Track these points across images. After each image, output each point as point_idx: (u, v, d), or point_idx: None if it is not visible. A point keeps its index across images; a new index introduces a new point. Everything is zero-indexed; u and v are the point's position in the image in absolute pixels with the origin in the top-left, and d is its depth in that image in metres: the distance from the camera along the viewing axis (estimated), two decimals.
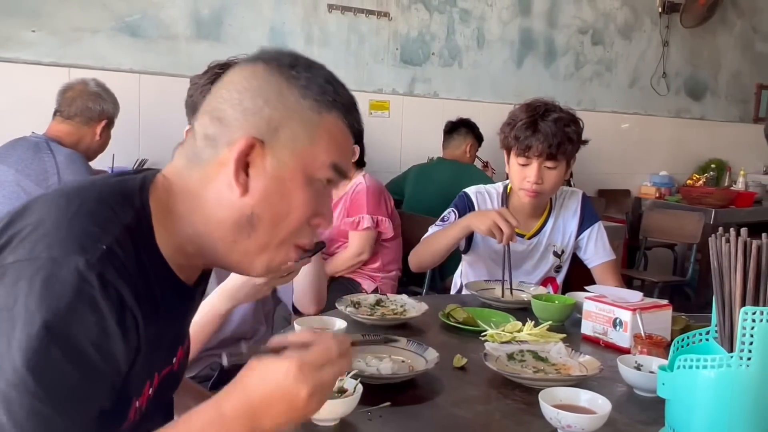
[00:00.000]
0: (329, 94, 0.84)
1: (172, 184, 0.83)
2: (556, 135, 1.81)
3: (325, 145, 0.83)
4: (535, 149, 1.81)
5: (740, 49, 5.84)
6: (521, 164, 1.86)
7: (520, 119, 1.85)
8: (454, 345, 1.35)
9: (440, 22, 4.28)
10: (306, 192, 0.82)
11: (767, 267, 0.92)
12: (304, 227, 0.84)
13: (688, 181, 5.25)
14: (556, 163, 1.85)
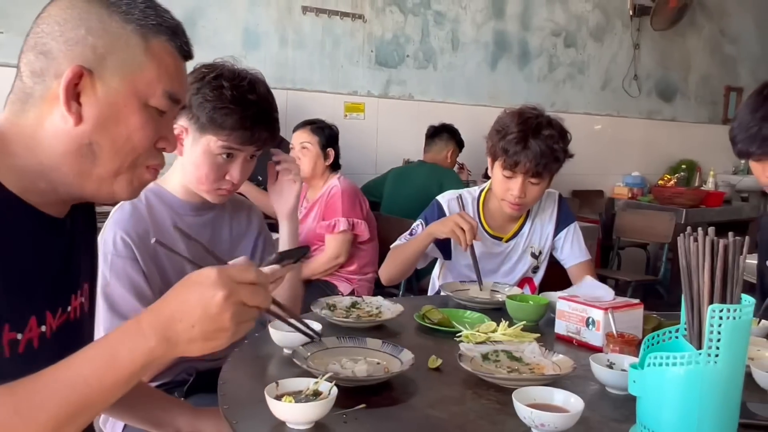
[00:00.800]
0: (152, 18, 0.85)
1: (8, 128, 0.84)
2: (545, 155, 1.81)
3: (155, 71, 0.85)
4: (522, 166, 1.82)
5: (709, 52, 5.96)
6: (506, 176, 1.86)
7: (511, 131, 1.82)
8: (430, 346, 1.35)
9: (415, 24, 4.30)
10: (142, 116, 0.85)
11: (734, 265, 0.93)
12: (150, 150, 0.87)
13: (659, 181, 5.34)
14: (540, 180, 1.86)
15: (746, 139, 1.46)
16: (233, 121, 1.32)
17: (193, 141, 1.36)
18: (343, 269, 2.89)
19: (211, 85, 1.32)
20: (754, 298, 0.95)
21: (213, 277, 0.75)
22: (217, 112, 1.31)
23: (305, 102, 3.88)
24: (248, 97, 1.33)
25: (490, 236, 2.00)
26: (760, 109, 1.45)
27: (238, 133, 1.33)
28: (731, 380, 0.91)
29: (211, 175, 1.37)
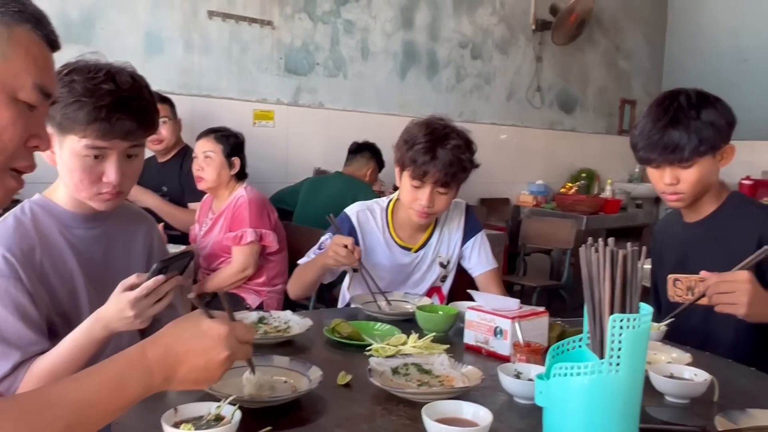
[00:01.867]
0: (12, 4, 0.80)
1: None
2: (453, 164, 1.83)
3: (22, 62, 0.79)
4: (431, 176, 1.83)
5: (605, 66, 6.27)
6: (414, 186, 1.86)
7: (419, 142, 1.83)
8: (339, 361, 1.33)
9: (324, 32, 4.28)
10: (11, 111, 0.79)
11: (632, 275, 0.96)
12: (19, 149, 0.81)
13: (561, 189, 5.55)
14: (448, 190, 1.88)
15: (647, 146, 1.54)
16: (85, 114, 1.20)
17: (60, 145, 1.25)
18: (252, 281, 2.81)
19: (63, 81, 1.20)
20: (650, 300, 0.99)
21: (223, 335, 0.85)
22: (69, 108, 1.20)
23: (212, 109, 3.77)
24: (102, 87, 1.21)
25: (399, 247, 2.00)
26: (662, 119, 1.52)
27: (94, 126, 1.22)
28: (632, 387, 0.94)
29: (85, 179, 1.26)
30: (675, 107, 1.52)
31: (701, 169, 1.53)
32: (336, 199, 3.34)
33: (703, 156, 1.52)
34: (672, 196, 1.58)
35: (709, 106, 1.52)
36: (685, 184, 1.54)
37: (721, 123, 1.52)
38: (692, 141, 1.49)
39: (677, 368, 1.26)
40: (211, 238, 2.83)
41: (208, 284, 2.77)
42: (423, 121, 1.90)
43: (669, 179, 1.55)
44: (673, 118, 1.51)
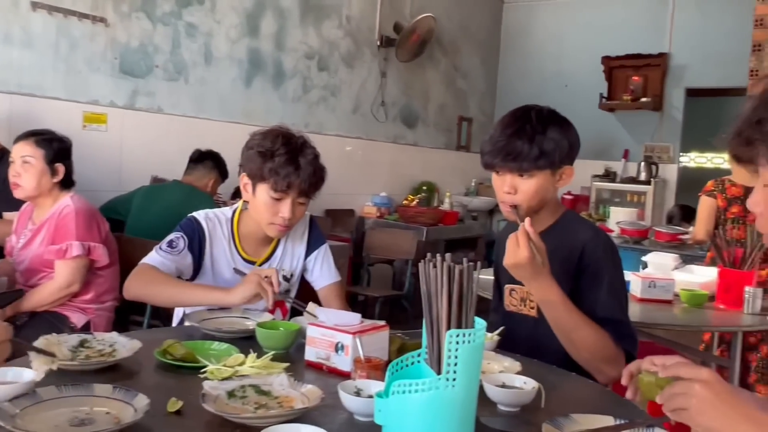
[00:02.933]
0: None
1: None
2: (316, 173, 1.82)
3: None
4: (296, 187, 1.79)
5: (445, 84, 6.56)
6: (275, 198, 1.80)
7: (278, 153, 1.78)
8: (171, 386, 1.24)
9: (165, 34, 4.07)
10: None
11: (468, 290, 0.99)
12: None
13: (404, 201, 5.71)
14: (307, 200, 1.86)
15: (492, 151, 1.59)
16: None
17: None
18: (77, 298, 2.58)
19: None
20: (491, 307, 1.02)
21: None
22: None
23: (35, 109, 3.44)
24: None
25: (243, 260, 1.92)
26: (510, 127, 1.57)
27: None
28: (467, 400, 0.96)
29: None
30: (525, 119, 1.58)
31: (538, 182, 1.57)
32: (173, 209, 3.18)
33: (542, 170, 1.57)
34: (509, 207, 1.62)
35: (556, 125, 1.58)
36: (521, 195, 1.58)
37: (563, 143, 1.58)
38: (533, 152, 1.54)
39: (509, 377, 1.31)
40: (30, 251, 2.56)
41: (27, 302, 2.50)
42: (273, 132, 1.84)
43: (507, 187, 1.59)
44: (520, 128, 1.56)
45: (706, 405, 0.90)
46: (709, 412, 0.90)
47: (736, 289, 2.52)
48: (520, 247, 1.43)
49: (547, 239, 1.62)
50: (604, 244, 1.63)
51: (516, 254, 1.44)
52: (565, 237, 1.64)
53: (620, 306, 1.60)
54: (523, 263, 1.44)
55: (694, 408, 0.91)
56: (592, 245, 1.61)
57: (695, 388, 0.91)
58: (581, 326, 1.50)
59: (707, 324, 2.62)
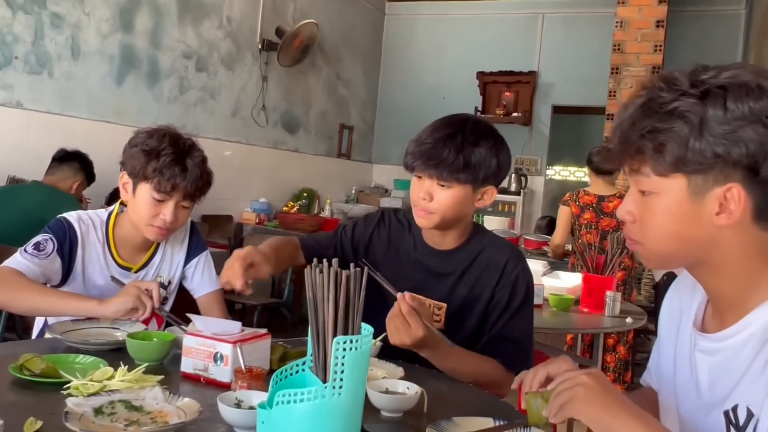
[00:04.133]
0: None
1: None
2: (202, 177, 1.75)
3: None
4: (180, 189, 1.70)
5: (327, 92, 6.57)
6: (158, 199, 1.71)
7: (164, 153, 1.69)
8: (28, 405, 1.13)
9: (26, 23, 3.77)
10: None
11: (355, 296, 0.98)
12: None
13: (284, 207, 5.64)
14: (191, 204, 1.78)
15: (415, 153, 1.50)
16: None
17: None
18: None
19: None
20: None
21: None
22: None
23: None
24: None
25: (118, 266, 1.80)
26: (440, 131, 1.49)
27: None
28: (353, 408, 0.94)
29: None
30: (458, 127, 1.49)
31: (457, 195, 1.50)
32: (33, 212, 2.94)
33: (462, 183, 1.49)
34: (422, 211, 1.54)
35: (489, 141, 1.50)
36: (437, 203, 1.51)
37: (492, 162, 1.50)
38: (456, 163, 1.46)
39: (392, 383, 1.31)
40: None
41: None
42: (159, 131, 1.75)
43: (423, 193, 1.52)
44: (450, 135, 1.48)
45: (592, 393, 0.93)
46: (595, 400, 0.93)
47: (599, 294, 2.70)
48: (412, 326, 1.35)
49: (460, 255, 1.60)
50: (524, 268, 1.62)
51: (410, 334, 1.35)
52: (482, 254, 1.62)
53: (527, 330, 1.61)
54: (419, 343, 1.37)
55: (580, 397, 0.94)
56: (512, 266, 1.60)
57: (582, 378, 0.95)
58: (471, 366, 1.51)
59: (573, 327, 2.78)
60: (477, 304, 1.61)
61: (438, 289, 1.63)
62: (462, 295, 1.62)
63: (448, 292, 1.63)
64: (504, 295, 1.60)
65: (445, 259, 1.64)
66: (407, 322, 1.36)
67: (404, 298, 1.37)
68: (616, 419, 0.91)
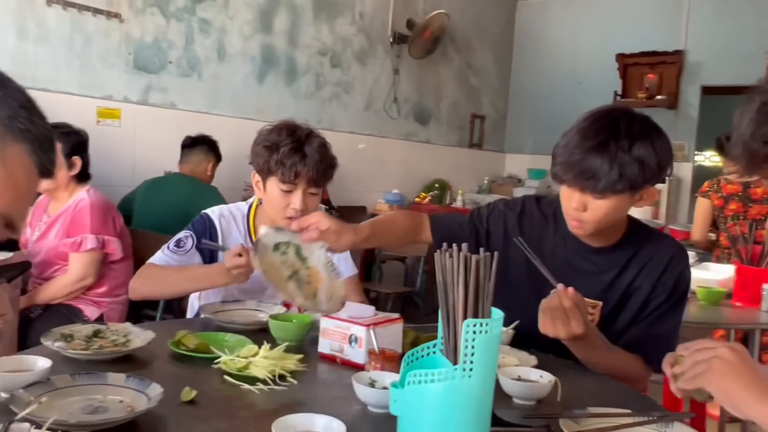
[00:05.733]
0: (21, 120, 0.68)
1: None
2: (323, 161, 1.80)
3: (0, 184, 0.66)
4: (303, 175, 1.77)
5: (458, 82, 6.53)
6: (285, 190, 1.79)
7: (284, 144, 1.77)
8: (184, 376, 1.23)
9: (178, 29, 4.08)
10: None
11: (485, 280, 0.97)
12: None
13: (416, 198, 5.69)
14: (318, 189, 1.84)
15: (565, 165, 1.38)
16: None
17: None
18: (91, 291, 2.59)
19: None
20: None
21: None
22: None
23: (49, 104, 3.35)
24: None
25: None
26: (591, 139, 1.36)
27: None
28: (483, 391, 0.95)
29: None
30: (609, 131, 1.35)
31: (612, 204, 1.38)
32: (179, 202, 3.19)
33: (619, 194, 1.36)
34: (575, 221, 1.45)
35: (646, 141, 1.35)
36: (590, 214, 1.40)
37: (651, 163, 1.35)
38: (611, 175, 1.33)
39: (524, 371, 1.30)
40: (45, 243, 2.58)
41: (41, 295, 2.52)
42: (279, 126, 1.84)
43: (576, 204, 1.40)
44: (602, 143, 1.34)
45: (728, 367, 0.88)
46: (731, 374, 0.88)
47: (754, 286, 2.49)
48: (572, 322, 1.31)
49: (618, 252, 1.53)
50: (687, 265, 1.54)
51: (568, 329, 1.31)
52: (642, 250, 1.53)
53: (675, 327, 1.54)
54: (579, 337, 1.34)
55: (716, 369, 0.89)
56: (676, 263, 1.51)
57: (721, 351, 0.90)
58: (614, 361, 1.46)
59: (725, 322, 2.59)
60: (633, 302, 1.53)
61: (591, 289, 1.53)
62: (619, 294, 1.54)
63: (603, 290, 1.55)
64: (663, 293, 1.51)
65: (601, 257, 1.55)
66: (567, 316, 1.32)
67: (566, 293, 1.33)
68: (751, 396, 0.84)
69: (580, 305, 1.34)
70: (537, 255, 1.48)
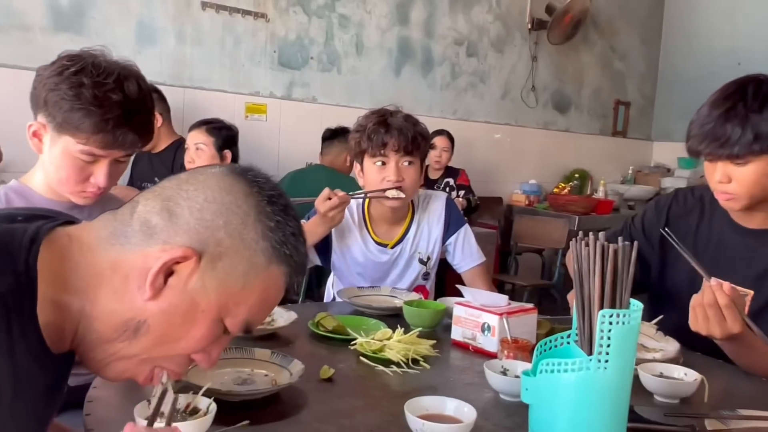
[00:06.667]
0: (289, 246, 0.77)
1: (76, 251, 0.73)
2: (409, 129, 1.84)
3: (254, 296, 0.75)
4: (391, 145, 1.82)
5: (600, 67, 6.25)
6: (378, 165, 1.85)
7: (369, 122, 1.85)
8: (323, 355, 1.30)
9: (319, 26, 4.24)
10: (210, 329, 0.74)
11: (623, 270, 0.94)
12: (183, 358, 0.77)
13: (554, 189, 5.53)
14: (412, 159, 1.86)
15: (698, 136, 1.38)
16: (92, 124, 1.18)
17: (52, 141, 1.23)
18: None
19: (70, 81, 1.16)
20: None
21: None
22: (75, 113, 1.17)
23: (204, 101, 3.73)
24: (111, 97, 1.19)
25: (375, 243, 1.95)
26: (719, 107, 1.36)
27: (98, 137, 1.20)
28: (620, 385, 0.91)
29: (72, 178, 1.24)
30: (738, 96, 1.34)
31: (758, 169, 1.34)
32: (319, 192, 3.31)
33: (759, 155, 1.32)
34: (723, 195, 1.40)
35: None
36: (737, 184, 1.36)
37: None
38: (745, 136, 1.30)
39: (667, 367, 1.23)
40: None
41: None
42: (368, 112, 1.92)
43: (719, 176, 1.38)
44: (731, 108, 1.33)
45: None
46: None
47: None
48: (728, 320, 1.23)
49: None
50: None
51: (723, 328, 1.24)
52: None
53: None
54: (735, 336, 1.26)
55: None
56: None
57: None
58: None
59: None
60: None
61: (742, 275, 1.43)
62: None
63: (757, 278, 1.44)
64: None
65: (757, 239, 1.45)
66: (722, 314, 1.24)
67: (721, 288, 1.25)
68: None
69: (737, 302, 1.25)
70: (690, 241, 1.41)
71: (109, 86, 1.19)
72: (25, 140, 1.29)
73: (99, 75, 1.19)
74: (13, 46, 3.02)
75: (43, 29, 3.11)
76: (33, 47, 3.05)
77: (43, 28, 3.11)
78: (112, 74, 1.20)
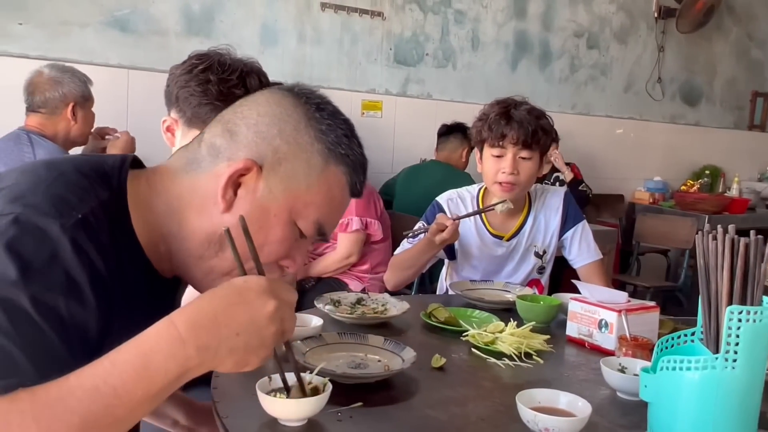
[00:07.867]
0: (343, 146, 0.83)
1: (159, 181, 0.83)
2: (531, 123, 1.81)
3: (319, 196, 0.82)
4: (510, 138, 1.80)
5: (735, 56, 5.83)
6: (495, 155, 1.84)
7: (492, 112, 1.85)
8: (434, 345, 1.31)
9: (434, 22, 4.25)
10: (285, 231, 0.81)
11: (755, 265, 0.88)
12: (272, 265, 0.83)
13: (682, 186, 5.23)
14: (530, 153, 1.83)
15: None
16: None
17: (183, 135, 1.33)
18: (355, 268, 2.85)
19: (198, 78, 1.27)
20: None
21: (264, 285, 0.71)
22: (202, 108, 1.27)
23: None
24: (235, 93, 1.26)
25: (491, 235, 1.94)
26: None
27: None
28: (750, 387, 0.86)
29: None
30: None
31: None
32: (433, 187, 3.30)
33: None
34: None
35: None
36: None
37: None
38: None
39: None
40: None
41: (313, 269, 2.84)
42: (493, 101, 1.90)
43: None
44: None
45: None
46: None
47: None
48: None
49: None
50: None
51: None
52: None
53: None
54: None
55: None
56: None
57: None
58: None
59: None
60: None
61: None
62: None
63: None
64: None
65: None
66: None
67: None
68: None
69: None
70: None
71: (233, 82, 1.28)
72: (159, 139, 1.40)
73: (224, 72, 1.28)
74: (149, 50, 3.26)
75: (177, 34, 3.34)
76: (167, 51, 3.28)
77: (177, 33, 3.34)
78: (236, 71, 1.29)
